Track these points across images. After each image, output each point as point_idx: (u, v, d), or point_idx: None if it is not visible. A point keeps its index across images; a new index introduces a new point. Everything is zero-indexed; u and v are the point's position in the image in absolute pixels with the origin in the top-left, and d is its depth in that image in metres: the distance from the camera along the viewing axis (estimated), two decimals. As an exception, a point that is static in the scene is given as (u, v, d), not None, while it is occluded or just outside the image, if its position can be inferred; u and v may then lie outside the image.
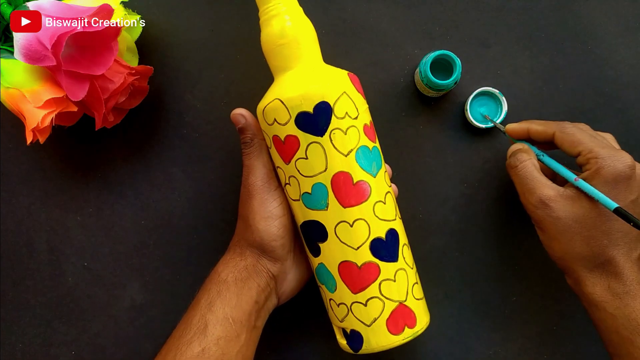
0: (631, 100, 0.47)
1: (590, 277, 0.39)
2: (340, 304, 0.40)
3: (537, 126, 0.42)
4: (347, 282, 0.39)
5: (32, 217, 0.49)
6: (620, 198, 0.37)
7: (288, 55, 0.39)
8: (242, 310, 0.39)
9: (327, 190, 0.38)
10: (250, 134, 0.41)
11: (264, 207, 0.40)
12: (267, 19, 0.39)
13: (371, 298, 0.39)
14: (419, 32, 0.47)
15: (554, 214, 0.39)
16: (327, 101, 0.37)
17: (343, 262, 0.39)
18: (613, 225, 0.38)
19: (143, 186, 0.49)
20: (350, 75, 0.40)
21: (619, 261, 0.38)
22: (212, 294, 0.39)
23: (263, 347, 0.47)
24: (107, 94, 0.40)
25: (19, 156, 0.49)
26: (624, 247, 0.38)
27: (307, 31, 0.39)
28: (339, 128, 0.37)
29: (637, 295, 0.37)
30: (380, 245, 0.39)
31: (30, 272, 0.49)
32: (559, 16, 0.47)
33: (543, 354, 0.48)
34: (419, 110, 0.48)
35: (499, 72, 0.47)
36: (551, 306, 0.48)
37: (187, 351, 0.37)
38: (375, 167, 0.39)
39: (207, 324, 0.38)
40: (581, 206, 0.38)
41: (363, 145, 0.39)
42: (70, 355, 0.49)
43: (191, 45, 0.48)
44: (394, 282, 0.39)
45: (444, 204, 0.48)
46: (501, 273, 0.48)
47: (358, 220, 0.38)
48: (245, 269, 0.40)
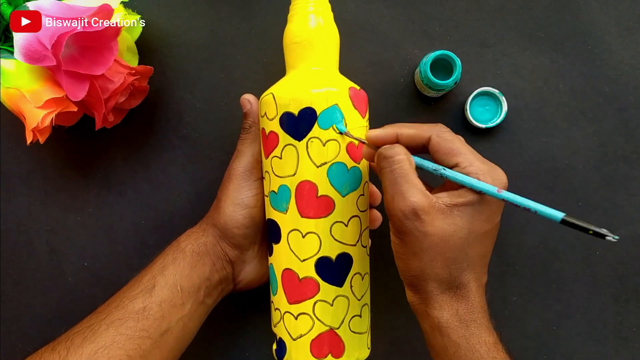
0: (631, 100, 0.47)
1: (439, 298, 0.35)
2: (276, 309, 0.41)
3: (408, 130, 0.36)
4: (286, 290, 0.39)
5: (32, 217, 0.49)
6: (490, 219, 0.34)
7: (299, 54, 0.39)
8: (192, 282, 0.39)
9: (291, 194, 0.38)
10: (250, 120, 0.42)
11: (237, 193, 0.41)
12: (292, 14, 0.39)
13: (303, 314, 0.39)
14: (419, 32, 0.47)
15: (423, 228, 0.33)
16: (314, 108, 0.37)
17: (287, 269, 0.39)
18: (476, 248, 0.34)
19: (143, 186, 0.49)
20: (355, 90, 0.39)
21: (472, 287, 0.35)
22: (168, 259, 0.40)
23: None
24: (107, 94, 0.40)
25: (19, 156, 0.49)
26: (479, 271, 0.35)
27: (325, 35, 0.39)
28: (318, 138, 0.37)
29: (483, 325, 0.34)
30: (327, 266, 0.38)
31: (30, 272, 0.49)
32: (559, 16, 0.47)
33: (543, 354, 0.48)
34: (419, 110, 0.48)
35: (499, 72, 0.47)
36: (551, 306, 0.48)
37: (129, 305, 0.37)
38: (347, 187, 0.38)
39: (155, 285, 0.38)
40: (453, 223, 0.33)
41: (340, 162, 0.38)
42: (70, 355, 0.49)
43: (191, 45, 0.48)
44: (331, 306, 0.38)
45: (444, 204, 0.48)
46: (501, 273, 0.48)
47: (311, 234, 0.38)
48: (204, 245, 0.41)
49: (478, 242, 0.34)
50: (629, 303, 0.47)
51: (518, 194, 0.49)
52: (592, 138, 0.47)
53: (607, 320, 0.47)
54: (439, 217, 0.33)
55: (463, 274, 0.34)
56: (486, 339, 0.34)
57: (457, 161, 0.34)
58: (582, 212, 0.47)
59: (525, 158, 0.47)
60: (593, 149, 0.47)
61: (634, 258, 0.47)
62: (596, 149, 0.47)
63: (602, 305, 0.47)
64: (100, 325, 0.37)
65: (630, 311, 0.47)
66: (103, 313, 0.38)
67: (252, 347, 0.49)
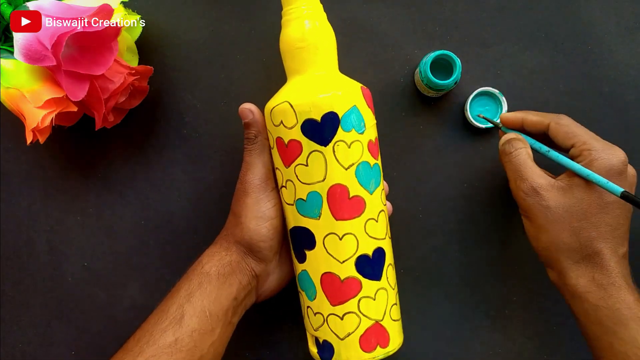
0: (631, 100, 0.47)
1: (574, 268, 0.38)
2: (317, 313, 0.40)
3: (532, 117, 0.41)
4: (327, 293, 0.39)
5: (32, 217, 0.49)
6: None
7: (305, 59, 0.39)
8: (220, 305, 0.39)
9: (322, 200, 0.38)
10: (255, 130, 0.41)
11: (257, 206, 0.40)
12: (289, 19, 0.39)
13: (348, 313, 0.39)
14: (419, 32, 0.47)
15: (544, 202, 0.38)
16: (336, 112, 0.37)
17: (326, 273, 0.39)
18: (603, 218, 0.37)
19: (143, 186, 0.49)
20: (363, 89, 0.40)
21: (606, 254, 0.37)
22: (193, 285, 0.39)
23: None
24: (107, 94, 0.40)
25: (19, 156, 0.49)
26: (612, 241, 0.38)
27: (328, 38, 0.39)
28: (344, 141, 0.37)
29: (622, 287, 0.37)
30: (366, 263, 0.39)
31: (30, 272, 0.49)
32: (559, 16, 0.47)
33: (543, 354, 0.48)
34: (419, 110, 0.48)
35: (499, 72, 0.47)
36: (551, 306, 0.48)
37: (160, 339, 0.37)
38: (373, 184, 0.39)
39: (184, 314, 0.38)
40: (572, 196, 0.38)
41: (365, 161, 0.38)
42: (70, 355, 0.49)
43: (191, 45, 0.48)
44: (374, 300, 0.39)
45: (444, 204, 0.48)
46: (501, 273, 0.48)
47: (348, 235, 0.38)
48: (229, 265, 0.40)
49: (604, 212, 0.37)
50: (629, 303, 0.47)
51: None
52: (592, 138, 0.47)
53: (607, 320, 0.47)
54: (559, 193, 0.38)
55: (594, 243, 0.37)
56: (625, 298, 0.36)
57: (573, 142, 0.39)
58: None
59: (525, 158, 0.47)
60: (593, 149, 0.47)
61: (634, 258, 0.47)
62: (596, 149, 0.47)
63: (602, 305, 0.47)
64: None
65: (630, 311, 0.47)
66: (135, 350, 0.37)
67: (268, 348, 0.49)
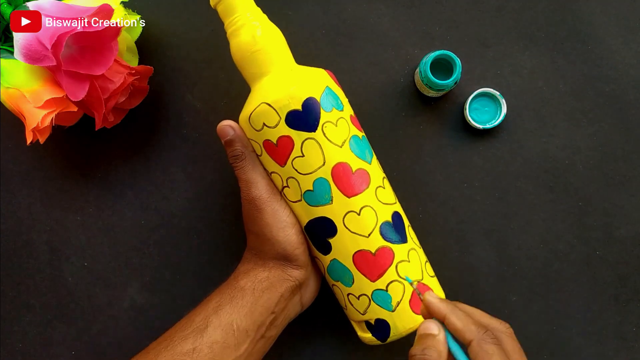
0: (631, 100, 0.47)
1: None
2: (361, 296, 0.40)
3: (456, 320, 0.32)
4: (364, 271, 0.39)
5: (32, 217, 0.49)
6: None
7: (263, 60, 0.39)
8: (252, 320, 0.38)
9: (329, 183, 0.38)
10: (240, 145, 0.40)
11: (277, 218, 0.39)
12: (235, 29, 0.39)
13: (391, 282, 0.39)
14: (419, 32, 0.47)
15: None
16: (314, 96, 0.38)
17: (357, 252, 0.39)
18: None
19: (143, 186, 0.49)
20: (328, 71, 0.41)
21: None
22: (225, 298, 0.39)
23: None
24: (107, 94, 0.40)
25: (19, 156, 0.49)
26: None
27: (278, 36, 0.40)
28: (330, 121, 0.38)
29: None
30: (389, 229, 0.40)
31: (30, 272, 0.49)
32: (559, 16, 0.47)
33: (543, 354, 0.48)
34: (419, 110, 0.48)
35: (499, 72, 0.47)
36: (551, 306, 0.48)
37: (178, 346, 0.37)
38: (368, 154, 0.40)
39: (208, 325, 0.37)
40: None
41: (354, 135, 0.40)
42: (70, 355, 0.49)
43: (191, 45, 0.48)
44: (409, 262, 0.40)
45: (444, 204, 0.48)
46: (501, 273, 0.48)
47: (365, 208, 0.39)
48: (266, 279, 0.39)
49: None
50: (629, 303, 0.47)
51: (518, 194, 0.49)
52: (592, 138, 0.47)
53: (607, 320, 0.47)
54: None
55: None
56: None
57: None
58: (582, 212, 0.47)
59: (525, 158, 0.47)
60: (593, 149, 0.47)
61: (634, 258, 0.47)
62: (596, 149, 0.47)
63: (602, 305, 0.47)
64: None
65: (630, 311, 0.47)
66: (152, 353, 0.37)
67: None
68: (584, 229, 0.47)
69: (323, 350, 0.48)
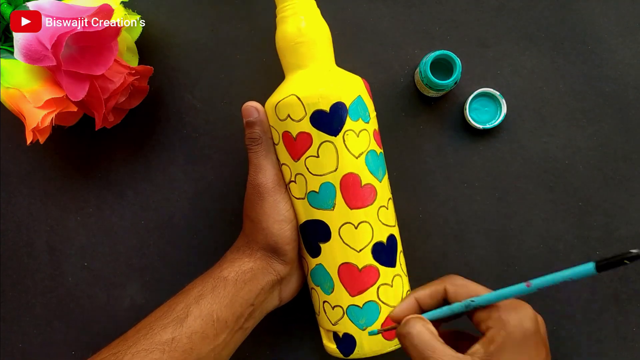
0: (631, 100, 0.47)
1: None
2: (336, 307, 0.40)
3: (423, 291, 0.34)
4: (346, 284, 0.39)
5: (32, 217, 0.49)
6: (537, 347, 0.32)
7: (304, 53, 0.39)
8: (232, 312, 0.38)
9: (336, 190, 0.38)
10: (259, 129, 0.39)
11: (276, 209, 0.39)
12: (285, 16, 0.39)
13: (368, 302, 0.39)
14: (419, 32, 0.47)
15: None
16: (344, 102, 0.38)
17: (344, 263, 0.39)
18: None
19: (143, 186, 0.49)
20: (364, 81, 0.41)
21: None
22: (206, 288, 0.39)
23: (252, 347, 0.47)
24: (107, 94, 0.40)
25: (19, 156, 0.49)
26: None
27: (324, 32, 0.40)
28: (352, 130, 0.38)
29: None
30: (382, 250, 0.39)
31: (30, 272, 0.49)
32: (559, 16, 0.47)
33: (543, 354, 0.48)
34: (419, 110, 0.48)
35: (499, 72, 0.47)
36: (551, 306, 0.48)
37: (157, 335, 0.36)
38: (381, 172, 0.40)
39: (189, 314, 0.37)
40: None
41: (372, 149, 0.39)
42: (70, 355, 0.49)
43: (191, 45, 0.48)
44: (391, 287, 0.40)
45: (444, 204, 0.48)
46: (501, 273, 0.48)
47: (363, 223, 0.39)
48: (250, 271, 0.39)
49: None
50: (629, 303, 0.47)
51: (518, 194, 0.49)
52: (592, 138, 0.47)
53: (607, 320, 0.47)
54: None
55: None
56: None
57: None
58: (582, 212, 0.47)
59: (525, 158, 0.47)
60: (593, 149, 0.47)
61: (634, 258, 0.47)
62: (596, 149, 0.47)
63: (602, 305, 0.47)
64: (125, 353, 0.35)
65: (630, 311, 0.47)
66: (130, 340, 0.36)
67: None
68: (584, 229, 0.47)
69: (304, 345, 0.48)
